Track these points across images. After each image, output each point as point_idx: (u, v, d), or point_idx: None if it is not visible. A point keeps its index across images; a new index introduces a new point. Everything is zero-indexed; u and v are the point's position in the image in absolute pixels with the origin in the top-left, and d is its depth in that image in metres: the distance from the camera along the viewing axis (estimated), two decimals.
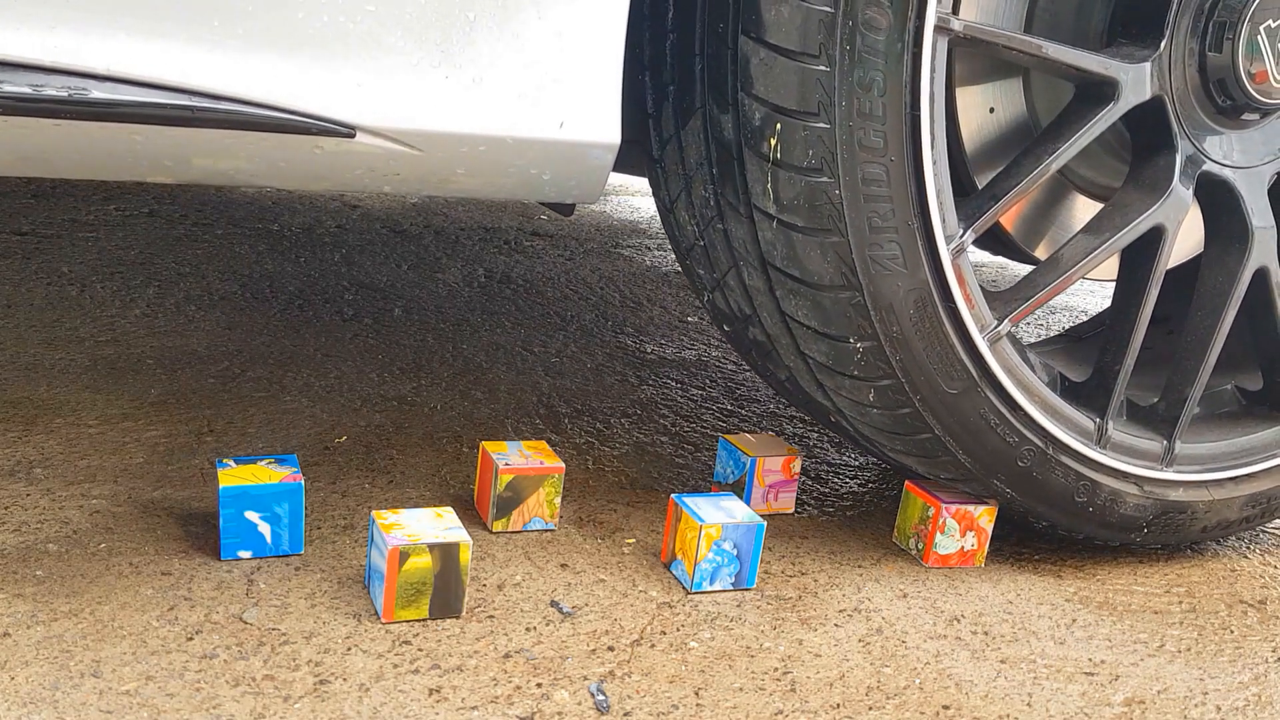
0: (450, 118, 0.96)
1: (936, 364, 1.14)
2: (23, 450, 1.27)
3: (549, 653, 1.01)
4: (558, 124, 0.99)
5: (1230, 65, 1.18)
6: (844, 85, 1.02)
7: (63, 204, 2.36)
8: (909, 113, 1.05)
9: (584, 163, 1.02)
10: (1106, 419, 1.25)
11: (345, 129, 0.93)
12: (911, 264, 1.09)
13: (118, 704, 0.88)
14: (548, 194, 1.07)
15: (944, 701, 1.01)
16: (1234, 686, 1.09)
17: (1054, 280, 1.20)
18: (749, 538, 1.14)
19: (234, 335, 1.71)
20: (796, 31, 1.01)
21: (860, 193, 1.06)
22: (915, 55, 1.03)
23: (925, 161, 1.07)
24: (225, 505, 1.07)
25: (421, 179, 1.01)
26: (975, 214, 1.14)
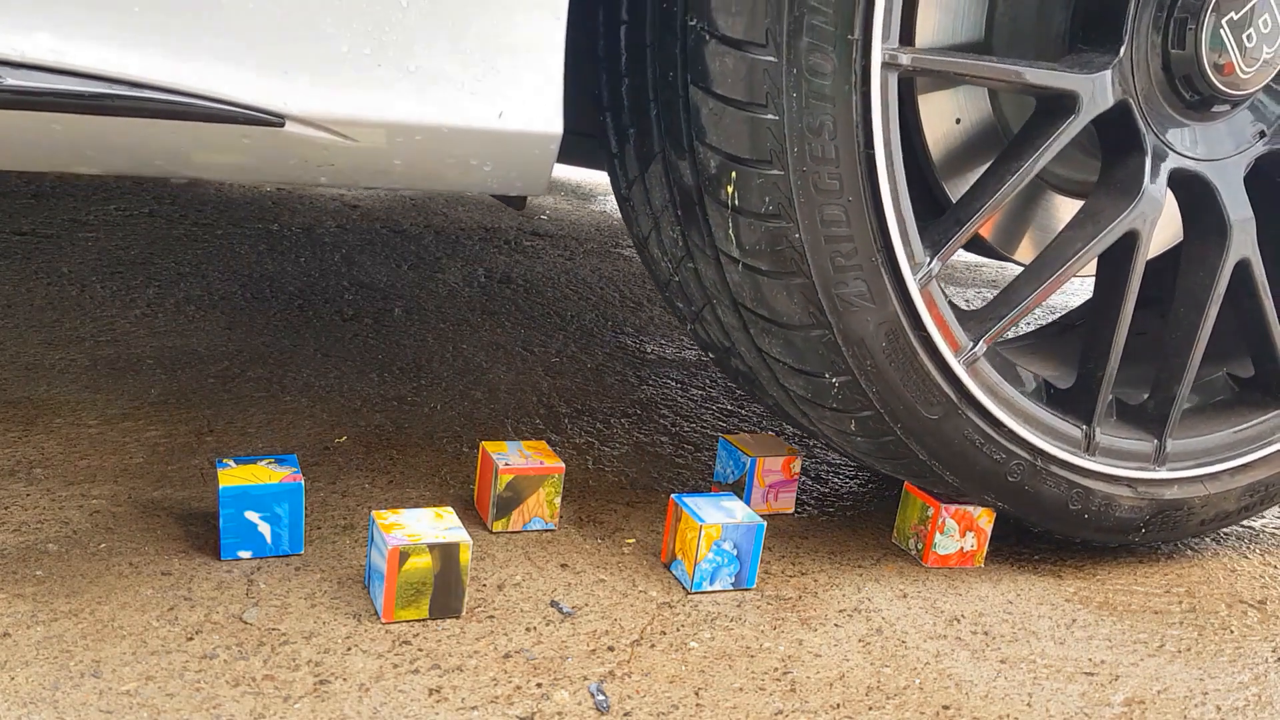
0: (384, 107, 0.94)
1: (914, 392, 1.13)
2: (23, 450, 1.27)
3: (549, 653, 1.01)
4: (496, 114, 0.97)
5: (1195, 60, 1.17)
6: (795, 132, 1.01)
7: (63, 204, 2.36)
8: (863, 152, 1.04)
9: (526, 153, 1.00)
10: (1094, 426, 1.24)
11: (273, 118, 0.91)
12: (879, 299, 1.09)
13: (118, 704, 0.88)
14: (491, 185, 1.05)
15: (944, 701, 1.01)
16: (1234, 686, 1.09)
17: (1028, 295, 1.19)
18: (749, 538, 1.14)
19: (234, 335, 1.71)
20: (742, 82, 1.00)
21: (820, 234, 1.05)
22: (864, 94, 1.02)
23: (884, 198, 1.06)
24: (225, 505, 1.07)
25: (357, 170, 0.99)
26: (941, 240, 1.13)
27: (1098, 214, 1.22)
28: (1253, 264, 1.27)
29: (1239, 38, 1.16)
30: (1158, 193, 1.21)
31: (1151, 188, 1.20)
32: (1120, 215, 1.19)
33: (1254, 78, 1.19)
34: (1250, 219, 1.26)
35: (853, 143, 1.03)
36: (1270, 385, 1.36)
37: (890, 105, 1.05)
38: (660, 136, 1.10)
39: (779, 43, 0.98)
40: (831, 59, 1.00)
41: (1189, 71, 1.18)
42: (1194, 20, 1.16)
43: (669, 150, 1.10)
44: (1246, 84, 1.19)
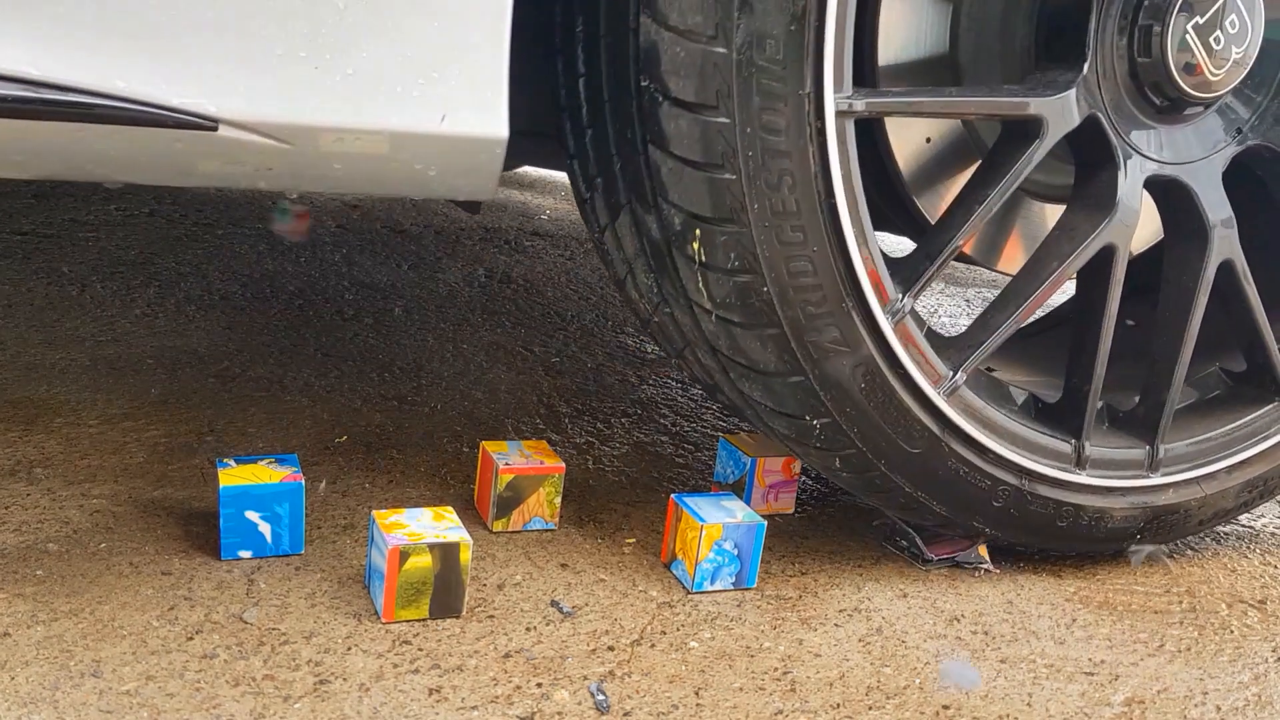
0: (321, 111, 0.92)
1: (896, 429, 1.13)
2: (23, 450, 1.27)
3: (549, 653, 1.01)
4: (439, 117, 0.95)
5: (1163, 67, 1.15)
6: (754, 189, 1.01)
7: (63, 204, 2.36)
8: (825, 202, 1.03)
9: (471, 158, 0.99)
10: (1083, 440, 1.23)
11: (206, 122, 0.89)
12: (853, 343, 1.09)
13: (118, 704, 0.88)
14: (437, 190, 1.04)
15: (944, 701, 1.01)
16: (1234, 686, 1.09)
17: (1007, 319, 1.18)
18: (750, 537, 1.14)
19: (234, 335, 1.71)
20: (698, 143, 1.00)
21: (789, 286, 1.05)
22: (821, 145, 1.02)
23: (850, 246, 1.05)
24: (225, 505, 1.07)
25: (296, 174, 0.98)
26: (913, 277, 1.12)
27: (1073, 230, 1.20)
28: (1236, 265, 1.26)
29: (1206, 41, 1.15)
30: (1133, 203, 1.20)
31: (1126, 199, 1.19)
32: (1095, 230, 1.18)
33: (1224, 79, 1.17)
34: (1231, 219, 1.25)
35: (813, 194, 1.03)
36: (1264, 379, 1.35)
37: (849, 152, 1.04)
38: (625, 190, 1.10)
39: (731, 104, 0.98)
40: (785, 115, 0.99)
41: (1158, 78, 1.17)
42: (1159, 26, 1.14)
43: (635, 204, 1.09)
44: (1217, 85, 1.18)
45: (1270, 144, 1.26)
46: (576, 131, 1.15)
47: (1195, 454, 1.31)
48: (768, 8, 0.96)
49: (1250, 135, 1.26)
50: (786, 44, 0.97)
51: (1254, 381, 1.37)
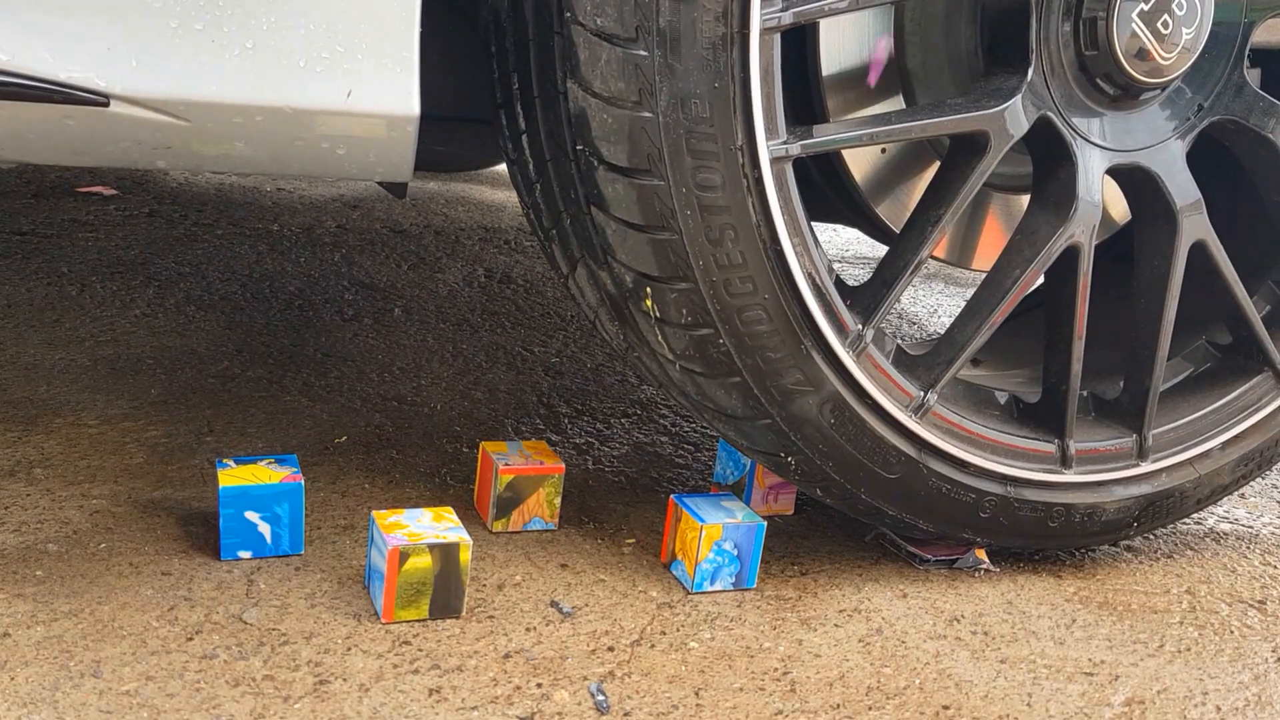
0: (219, 86, 0.88)
1: (871, 458, 1.13)
2: (23, 450, 1.27)
3: (549, 653, 1.01)
4: (344, 94, 0.91)
5: (1111, 57, 1.12)
6: (697, 247, 1.00)
7: (63, 204, 2.36)
8: (770, 249, 1.03)
9: (380, 136, 0.95)
10: (1067, 439, 1.22)
11: (96, 98, 0.86)
12: (817, 382, 1.08)
13: (118, 704, 0.88)
14: (349, 170, 1.01)
15: (944, 701, 1.01)
16: (1234, 686, 1.09)
17: (974, 334, 1.16)
18: (750, 538, 1.14)
19: (234, 335, 1.71)
20: (636, 206, 1.00)
21: (744, 336, 1.05)
22: (760, 195, 1.01)
23: (802, 288, 1.05)
24: (225, 505, 1.07)
25: (196, 153, 0.95)
26: (871, 306, 1.11)
27: (1034, 232, 1.18)
28: (1209, 244, 1.23)
29: (1154, 26, 1.12)
30: (1094, 199, 1.17)
31: (1087, 196, 1.16)
32: (1057, 232, 1.16)
33: (1176, 61, 1.14)
34: (1199, 201, 1.21)
35: (758, 244, 1.02)
36: (1251, 350, 1.32)
37: (790, 194, 1.03)
38: (578, 245, 1.10)
39: (663, 167, 0.97)
40: (719, 171, 0.99)
41: (1108, 69, 1.13)
42: (1104, 17, 1.11)
43: (588, 259, 1.09)
44: (1170, 69, 1.14)
45: (1233, 116, 1.22)
46: (528, 184, 1.14)
47: (1186, 434, 1.29)
48: (689, 69, 0.95)
49: (1211, 110, 1.22)
50: (712, 102, 0.97)
51: (1241, 352, 1.34)
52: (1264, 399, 1.32)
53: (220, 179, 2.79)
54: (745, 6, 0.95)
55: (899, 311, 2.32)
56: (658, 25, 0.94)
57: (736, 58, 0.96)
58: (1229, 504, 1.52)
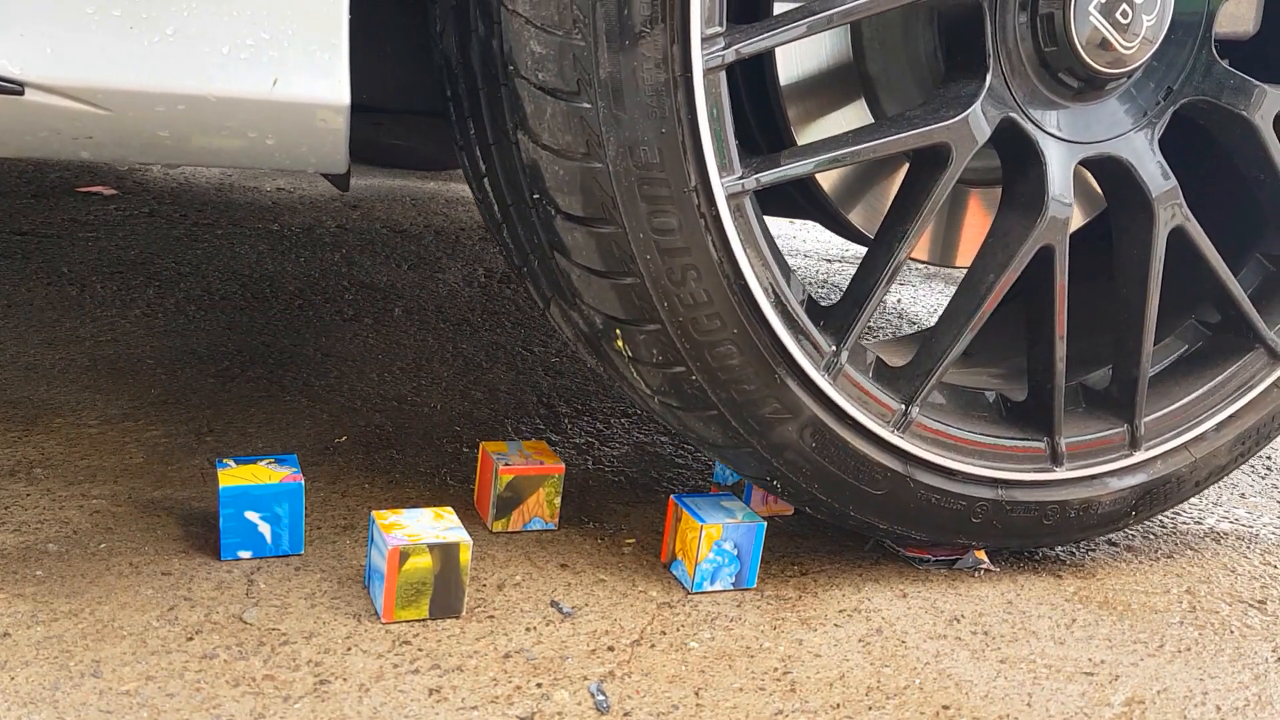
0: (140, 74, 0.86)
1: (857, 475, 1.13)
2: (23, 450, 1.27)
3: (549, 653, 1.01)
4: (270, 82, 0.89)
5: (1072, 53, 1.09)
6: (660, 289, 1.00)
7: (63, 204, 2.36)
8: (735, 284, 1.02)
9: (309, 125, 0.93)
10: (1056, 437, 1.21)
11: (10, 85, 0.84)
12: (794, 409, 1.08)
13: (118, 704, 0.88)
14: (280, 160, 0.98)
15: (944, 701, 1.01)
16: (1234, 686, 1.09)
17: (951, 345, 1.14)
18: (750, 538, 1.14)
19: (234, 335, 1.71)
20: (596, 253, 1.00)
21: (716, 371, 1.05)
22: (719, 232, 1.00)
23: (771, 319, 1.04)
24: (225, 505, 1.07)
25: (120, 143, 0.92)
26: (844, 327, 1.10)
27: (1006, 235, 1.16)
28: (1188, 230, 1.21)
29: (1113, 17, 1.09)
30: (1065, 198, 1.15)
31: (1058, 194, 1.14)
32: (1030, 234, 1.13)
33: (1139, 49, 1.11)
34: (1174, 188, 1.19)
35: (721, 281, 1.02)
36: (1241, 328, 1.30)
37: (751, 225, 1.02)
38: (548, 286, 1.09)
39: (619, 214, 0.97)
40: (675, 214, 0.98)
41: (1070, 63, 1.11)
42: (1061, 13, 1.08)
43: (559, 300, 1.09)
44: (1133, 58, 1.12)
45: (1205, 96, 1.20)
46: (494, 224, 1.14)
47: (1180, 418, 1.27)
48: (634, 117, 0.95)
49: (1181, 93, 1.20)
50: (661, 148, 0.96)
51: (1231, 330, 1.31)
52: (1257, 376, 1.29)
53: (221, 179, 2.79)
54: (686, 51, 0.95)
55: (899, 312, 2.32)
56: (599, 77, 0.93)
57: (682, 101, 0.96)
58: (1229, 504, 1.52)
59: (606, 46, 0.93)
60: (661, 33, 0.94)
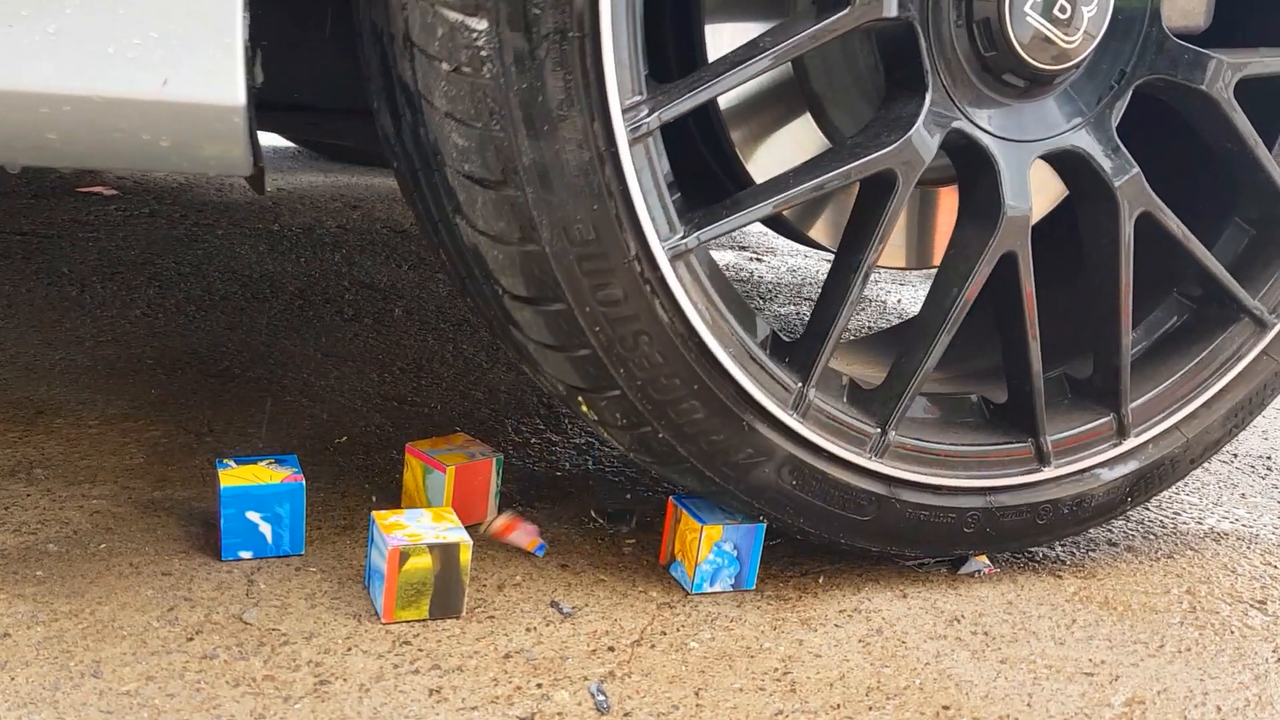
0: (20, 74, 0.83)
1: (842, 505, 1.13)
2: (23, 450, 1.27)
3: (549, 653, 1.01)
4: (160, 81, 0.85)
5: (1012, 55, 1.06)
6: (614, 358, 1.00)
7: (63, 204, 2.36)
8: (690, 341, 1.02)
9: (205, 127, 0.89)
10: (1041, 436, 1.20)
11: None
12: (767, 451, 1.08)
13: (118, 704, 0.88)
14: (179, 164, 0.95)
15: (944, 702, 1.01)
16: (1234, 686, 1.09)
17: (921, 363, 1.13)
18: (749, 538, 1.14)
19: (234, 335, 1.71)
20: (548, 330, 1.00)
21: (683, 428, 1.05)
22: (667, 293, 0.99)
23: (731, 370, 1.03)
24: (226, 505, 1.07)
25: (5, 144, 0.89)
26: (810, 363, 1.09)
27: (965, 246, 1.13)
28: (1155, 213, 1.17)
29: (1051, 13, 1.05)
30: (1022, 203, 1.12)
31: (1014, 199, 1.11)
32: (989, 243, 1.11)
33: (1082, 43, 1.08)
34: (1136, 174, 1.16)
35: (674, 342, 1.01)
36: (1224, 299, 1.27)
37: (700, 279, 1.02)
38: (514, 352, 1.09)
39: (562, 291, 0.97)
40: (619, 285, 0.98)
41: (1012, 65, 1.08)
42: (996, 17, 1.05)
43: (526, 366, 1.09)
44: (1078, 50, 1.08)
45: (1160, 74, 1.16)
46: (461, 292, 1.12)
47: (1169, 399, 1.25)
48: (564, 199, 0.94)
49: (1135, 74, 1.16)
50: (595, 223, 0.96)
51: (1215, 302, 1.28)
52: (1244, 346, 1.27)
53: (221, 180, 2.79)
54: (607, 126, 0.93)
55: (900, 313, 2.32)
56: (523, 165, 0.92)
57: (611, 175, 0.95)
58: (1230, 504, 1.52)
59: (526, 134, 0.91)
60: (579, 113, 0.92)
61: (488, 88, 0.90)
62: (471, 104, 0.91)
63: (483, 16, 0.89)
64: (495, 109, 0.91)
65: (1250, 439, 1.76)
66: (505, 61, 0.90)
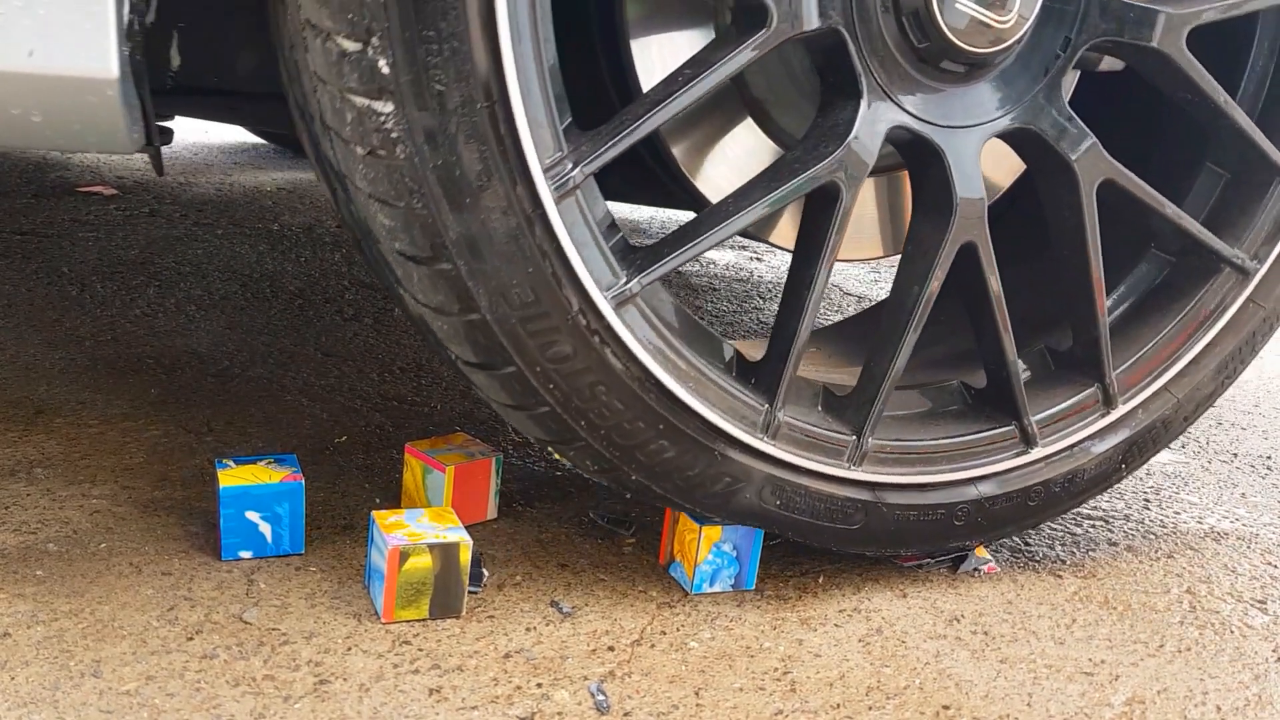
0: None
1: (829, 517, 1.13)
2: (23, 450, 1.27)
3: (549, 653, 1.01)
4: (25, 53, 0.82)
5: (946, 43, 1.03)
6: (572, 410, 1.00)
7: (63, 204, 2.36)
8: (647, 384, 1.01)
9: (76, 101, 0.86)
10: (1025, 418, 1.17)
11: None
12: (744, 476, 1.08)
13: (118, 704, 0.88)
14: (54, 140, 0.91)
15: (944, 701, 1.01)
16: (1234, 686, 1.09)
17: (889, 361, 1.10)
18: (749, 539, 1.14)
19: (234, 335, 1.71)
20: (503, 392, 1.00)
21: (654, 467, 1.05)
22: (617, 341, 0.99)
23: (693, 405, 1.02)
24: (226, 505, 1.07)
25: None
26: (775, 384, 1.07)
27: (922, 242, 1.11)
28: (1118, 180, 1.14)
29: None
30: (973, 193, 1.09)
31: (967, 189, 1.08)
32: (945, 237, 1.09)
33: (1017, 20, 1.04)
34: (1093, 145, 1.12)
35: (629, 387, 1.01)
36: (1202, 252, 1.23)
37: (652, 323, 1.01)
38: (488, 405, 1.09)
39: (511, 355, 0.97)
40: (566, 340, 0.97)
41: (949, 54, 1.04)
42: (926, 9, 1.01)
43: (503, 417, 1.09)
44: (1013, 30, 1.04)
45: (1106, 36, 1.12)
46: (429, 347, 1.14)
47: (1156, 362, 1.23)
48: (497, 266, 0.93)
49: (1079, 39, 1.11)
50: (533, 285, 0.95)
51: (1194, 253, 1.24)
52: (1229, 297, 1.23)
53: (221, 179, 2.79)
54: (531, 189, 0.92)
55: None
56: (450, 239, 0.91)
57: (542, 235, 0.94)
58: (1230, 503, 1.52)
59: (449, 209, 0.91)
60: (500, 181, 0.91)
61: (403, 168, 0.89)
62: (390, 185, 0.90)
63: (387, 99, 0.87)
64: (414, 188, 0.90)
65: (1250, 439, 1.76)
66: (417, 141, 0.89)
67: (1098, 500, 1.47)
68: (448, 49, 0.87)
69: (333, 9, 0.86)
